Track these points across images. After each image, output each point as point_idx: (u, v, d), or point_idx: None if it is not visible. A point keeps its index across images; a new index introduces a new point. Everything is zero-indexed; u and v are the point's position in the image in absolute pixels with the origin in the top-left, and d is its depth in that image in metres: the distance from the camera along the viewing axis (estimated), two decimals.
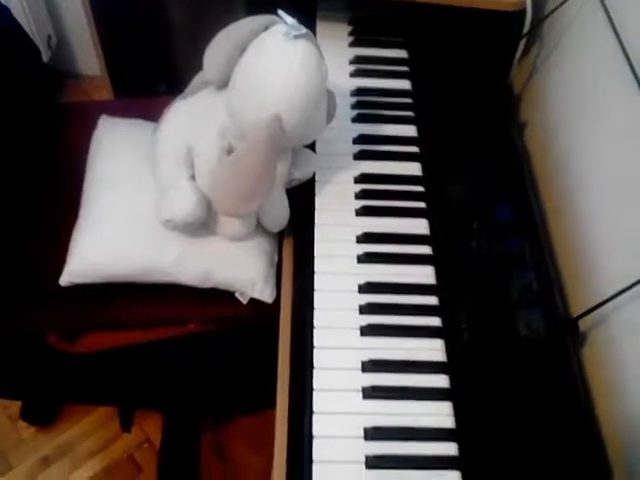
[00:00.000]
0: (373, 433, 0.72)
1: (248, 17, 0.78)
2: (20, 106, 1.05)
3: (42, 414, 1.39)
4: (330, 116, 0.86)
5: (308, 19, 1.10)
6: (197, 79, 0.89)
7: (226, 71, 0.79)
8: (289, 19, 0.74)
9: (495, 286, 0.84)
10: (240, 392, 1.17)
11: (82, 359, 0.97)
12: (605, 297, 0.77)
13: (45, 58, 1.67)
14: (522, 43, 1.06)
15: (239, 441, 1.38)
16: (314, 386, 0.75)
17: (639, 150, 0.80)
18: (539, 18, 1.05)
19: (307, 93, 0.75)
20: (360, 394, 0.75)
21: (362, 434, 0.72)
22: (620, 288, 0.75)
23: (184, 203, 0.83)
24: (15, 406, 1.38)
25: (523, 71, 1.13)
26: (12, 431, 1.38)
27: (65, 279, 0.89)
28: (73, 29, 1.76)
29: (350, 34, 1.13)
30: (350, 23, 1.15)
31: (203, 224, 0.89)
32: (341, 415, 0.74)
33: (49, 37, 1.71)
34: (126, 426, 1.29)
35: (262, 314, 0.94)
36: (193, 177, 0.86)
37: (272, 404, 0.77)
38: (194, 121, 0.85)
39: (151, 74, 1.67)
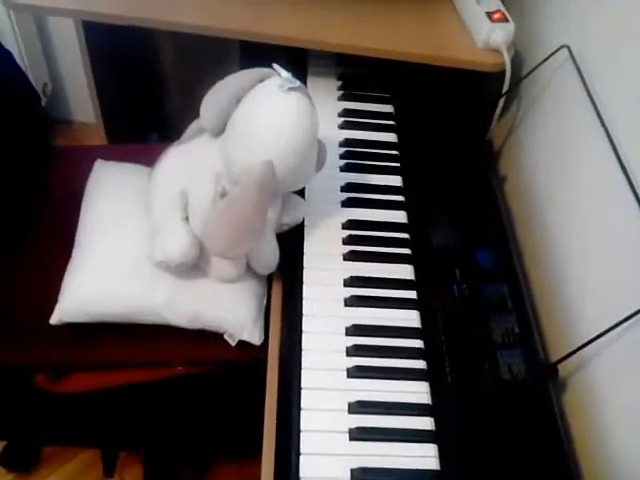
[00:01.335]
0: (360, 474, 0.73)
1: (245, 69, 0.83)
2: (17, 148, 1.08)
3: (22, 460, 1.36)
4: (320, 164, 0.90)
5: (300, 73, 1.15)
6: (193, 126, 0.93)
7: (222, 119, 0.82)
8: (284, 72, 0.79)
9: (478, 330, 0.87)
10: (225, 434, 1.16)
11: (68, 399, 0.97)
12: (583, 342, 0.80)
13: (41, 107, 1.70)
14: (501, 101, 1.12)
15: None
16: (301, 427, 0.76)
17: (609, 201, 0.84)
18: (518, 78, 1.12)
19: (299, 142, 0.79)
20: (347, 435, 0.76)
21: (349, 476, 0.73)
22: (597, 333, 0.78)
23: (177, 244, 0.86)
24: None
25: (502, 127, 1.19)
26: None
27: (56, 317, 0.90)
28: (69, 77, 1.81)
29: (339, 89, 1.18)
30: (339, 78, 1.20)
31: (194, 266, 0.91)
32: (328, 456, 0.75)
33: (45, 85, 1.75)
34: (109, 471, 1.27)
35: (250, 356, 0.95)
36: (187, 219, 0.88)
37: (257, 449, 0.77)
38: (189, 166, 0.89)
39: (144, 123, 1.72)
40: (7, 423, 1.09)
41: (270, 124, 0.78)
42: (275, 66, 0.80)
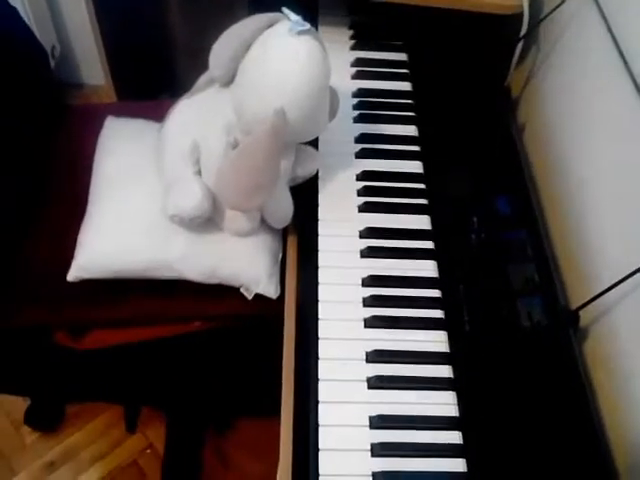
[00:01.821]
0: (378, 422, 0.73)
1: (253, 15, 0.80)
2: (27, 106, 1.07)
3: (46, 419, 1.39)
4: (333, 112, 0.88)
5: (311, 23, 1.11)
6: (203, 78, 0.91)
7: (231, 68, 0.81)
8: (293, 16, 0.76)
9: (496, 278, 0.85)
10: (245, 390, 1.17)
11: (88, 356, 0.98)
12: (605, 287, 0.78)
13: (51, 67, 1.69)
14: (519, 45, 1.08)
15: (242, 448, 1.37)
16: (319, 376, 0.76)
17: (634, 147, 0.81)
18: (536, 21, 1.08)
19: (311, 87, 0.77)
20: (365, 384, 0.76)
21: (368, 423, 0.73)
22: (618, 278, 0.76)
23: (190, 198, 0.85)
24: (19, 411, 1.38)
25: (521, 72, 1.15)
26: (16, 436, 1.38)
27: (73, 274, 0.91)
28: (77, 39, 1.78)
29: (351, 38, 1.15)
30: (351, 27, 1.17)
31: (209, 220, 0.90)
32: (347, 404, 0.75)
33: (53, 47, 1.73)
34: (131, 426, 1.30)
35: (267, 310, 0.95)
36: (199, 173, 0.87)
37: (276, 408, 0.77)
38: (200, 118, 0.87)
39: (154, 83, 1.70)
40: (30, 381, 1.11)
41: (280, 69, 0.76)
42: (284, 10, 0.78)
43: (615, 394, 0.80)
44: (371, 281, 0.84)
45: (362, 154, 0.99)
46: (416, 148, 1.00)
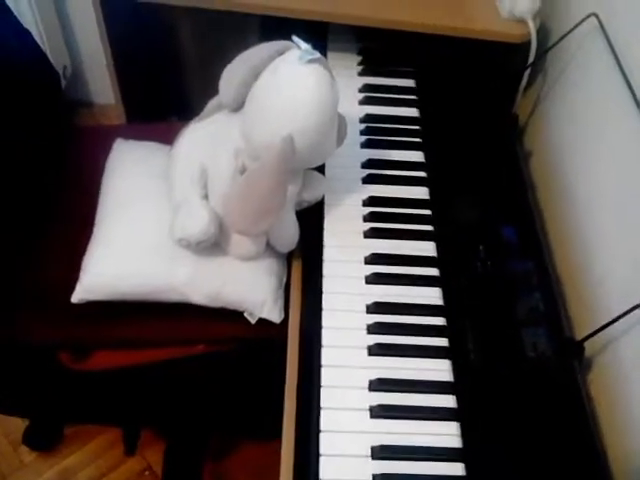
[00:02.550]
0: (380, 452, 0.72)
1: (263, 43, 0.81)
2: (37, 126, 1.08)
3: (44, 439, 1.38)
4: (341, 139, 0.89)
5: (320, 49, 1.12)
6: (212, 103, 0.92)
7: (241, 94, 0.81)
8: (303, 44, 0.77)
9: (501, 308, 0.85)
10: (247, 413, 1.16)
11: (92, 377, 0.98)
12: (610, 318, 0.78)
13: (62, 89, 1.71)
14: (527, 73, 1.09)
15: (241, 471, 1.36)
16: (322, 405, 0.75)
17: (638, 174, 0.81)
18: (543, 49, 1.09)
19: (319, 115, 0.77)
20: (368, 413, 0.75)
21: (369, 453, 0.72)
22: (624, 310, 0.76)
23: (197, 222, 0.85)
24: (17, 431, 1.37)
25: (528, 100, 1.16)
26: (13, 456, 1.37)
27: (77, 296, 0.91)
28: (88, 59, 1.81)
29: (359, 64, 1.16)
30: (359, 53, 1.18)
31: (215, 243, 0.90)
32: (348, 434, 0.74)
33: (65, 67, 1.76)
34: (131, 449, 1.29)
35: (270, 335, 0.94)
36: (207, 197, 0.88)
37: (278, 432, 0.77)
38: (209, 142, 0.88)
39: (164, 105, 1.71)
40: (32, 401, 1.11)
41: (289, 96, 0.76)
42: (294, 38, 0.79)
43: (618, 424, 0.79)
44: (376, 308, 0.84)
45: (369, 180, 0.99)
46: (423, 174, 1.01)
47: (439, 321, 0.84)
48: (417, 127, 1.07)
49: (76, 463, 1.37)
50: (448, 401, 0.77)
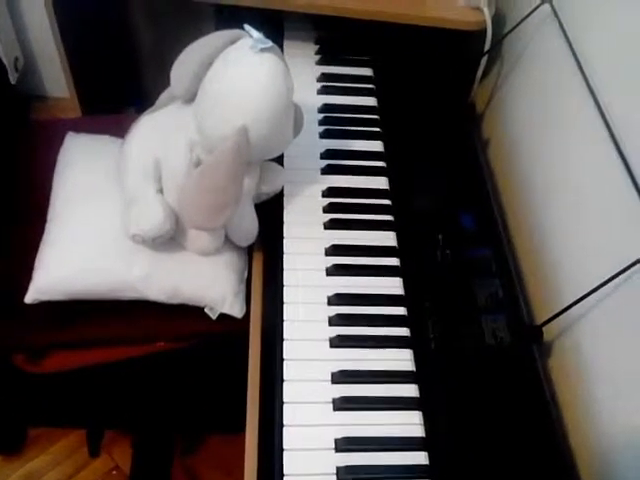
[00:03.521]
0: (343, 444, 0.72)
1: (215, 32, 0.79)
2: None
3: (8, 442, 1.35)
4: (297, 129, 0.87)
5: (276, 38, 1.11)
6: (164, 94, 0.90)
7: (193, 85, 0.79)
8: (255, 33, 0.76)
9: (461, 296, 0.85)
10: (211, 409, 1.15)
11: (49, 379, 0.95)
12: (568, 303, 0.79)
13: (12, 80, 1.65)
14: (483, 61, 1.09)
15: (210, 465, 1.35)
16: (284, 399, 0.75)
17: (594, 160, 0.82)
18: (499, 37, 1.09)
19: (273, 105, 0.76)
20: (331, 405, 0.75)
21: (333, 445, 0.72)
22: (581, 294, 0.77)
23: (152, 217, 0.83)
24: None
25: (485, 88, 1.16)
26: None
27: (30, 296, 0.88)
28: (40, 51, 1.75)
29: (317, 53, 1.15)
30: (317, 42, 1.17)
31: (171, 239, 0.88)
32: (311, 427, 0.73)
33: (16, 59, 1.70)
34: (94, 451, 1.26)
35: (231, 330, 0.93)
36: (161, 191, 0.86)
37: (243, 424, 0.76)
38: (162, 135, 0.86)
39: (120, 97, 1.67)
40: None
41: (242, 87, 0.75)
42: (246, 27, 0.77)
43: (579, 407, 0.80)
44: (337, 299, 0.84)
45: (328, 170, 0.98)
46: (382, 164, 1.00)
47: (400, 311, 0.84)
48: (375, 116, 1.07)
49: (41, 465, 1.34)
50: (410, 390, 0.77)
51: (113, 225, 0.89)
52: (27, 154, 1.10)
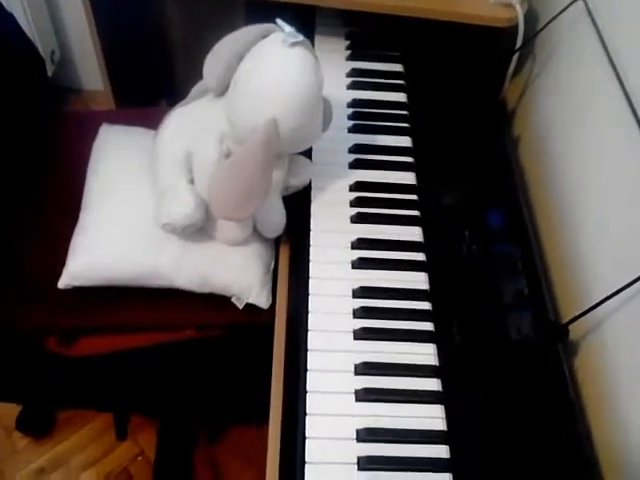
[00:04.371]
0: (365, 435, 0.73)
1: (247, 26, 0.81)
2: (23, 111, 1.07)
3: (37, 425, 1.38)
4: (326, 123, 0.88)
5: (307, 34, 1.11)
6: (197, 87, 0.91)
7: (225, 78, 0.81)
8: (287, 27, 0.77)
9: (487, 292, 0.85)
10: (236, 399, 1.17)
11: (80, 363, 0.98)
12: (595, 302, 0.78)
13: (49, 73, 1.69)
14: (515, 58, 1.08)
15: (233, 455, 1.37)
16: (308, 388, 0.76)
17: (626, 160, 0.81)
18: (531, 34, 1.08)
19: (303, 98, 0.77)
20: (353, 396, 0.76)
21: (355, 436, 0.73)
22: (608, 293, 0.76)
23: (183, 207, 0.85)
24: (10, 417, 1.38)
25: (516, 85, 1.16)
26: (7, 442, 1.38)
27: (64, 281, 0.90)
28: (77, 45, 1.79)
29: (347, 48, 1.15)
30: (347, 37, 1.17)
31: (201, 229, 0.90)
32: (334, 417, 0.74)
33: (52, 52, 1.74)
34: (121, 434, 1.29)
35: (258, 320, 0.95)
36: (192, 181, 0.88)
37: (267, 416, 0.77)
38: (193, 127, 0.87)
39: (153, 90, 1.70)
40: (21, 387, 1.11)
41: (273, 80, 0.76)
42: (278, 21, 0.78)
43: (603, 407, 0.80)
44: (362, 292, 0.84)
45: (356, 164, 0.99)
46: (410, 159, 1.00)
47: (425, 305, 0.84)
48: (405, 112, 1.07)
49: (69, 448, 1.38)
50: (433, 384, 0.78)
51: (145, 214, 0.91)
52: (62, 145, 1.13)
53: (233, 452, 1.37)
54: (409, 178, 0.98)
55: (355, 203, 0.94)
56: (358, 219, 0.92)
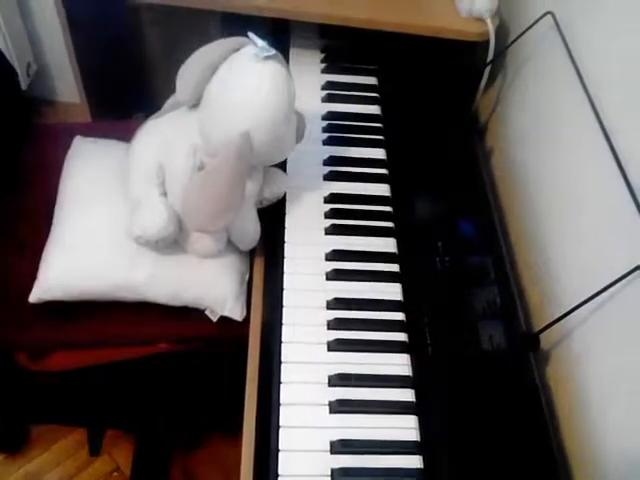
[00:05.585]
0: (339, 446, 0.73)
1: (220, 39, 0.81)
2: None
3: (10, 440, 1.36)
4: (299, 136, 0.89)
5: (282, 46, 1.13)
6: (170, 100, 0.92)
7: (197, 91, 0.81)
8: (259, 41, 0.77)
9: (460, 302, 0.86)
10: (210, 411, 1.16)
11: (51, 378, 0.96)
12: (565, 311, 0.79)
13: (23, 85, 1.68)
14: (486, 71, 1.10)
15: (209, 466, 1.36)
16: (281, 401, 0.75)
17: (593, 172, 0.83)
18: (502, 48, 1.10)
19: (276, 111, 0.77)
20: (327, 408, 0.76)
21: (328, 447, 0.73)
22: (578, 302, 0.77)
23: (156, 219, 0.85)
24: None
25: (488, 98, 1.17)
26: None
27: (35, 296, 0.89)
28: (52, 57, 1.78)
29: (322, 61, 1.17)
30: (322, 50, 1.18)
31: (174, 242, 0.90)
32: (308, 429, 0.74)
33: (29, 64, 1.73)
34: (95, 450, 1.27)
35: (232, 332, 0.94)
36: (165, 194, 0.87)
37: (241, 425, 0.77)
38: (166, 139, 0.87)
39: (129, 103, 1.69)
40: None
41: (245, 93, 0.76)
42: (250, 34, 0.79)
43: (574, 415, 0.81)
44: (336, 304, 0.85)
45: (330, 176, 0.99)
46: (384, 171, 1.01)
47: (398, 316, 0.85)
48: (379, 125, 1.08)
49: (43, 465, 1.35)
50: (406, 395, 0.78)
51: (117, 227, 0.90)
52: (36, 157, 1.12)
53: (209, 463, 1.36)
54: (383, 190, 0.99)
55: (330, 215, 0.94)
56: (333, 230, 0.92)
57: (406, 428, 0.75)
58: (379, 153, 1.04)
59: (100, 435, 1.30)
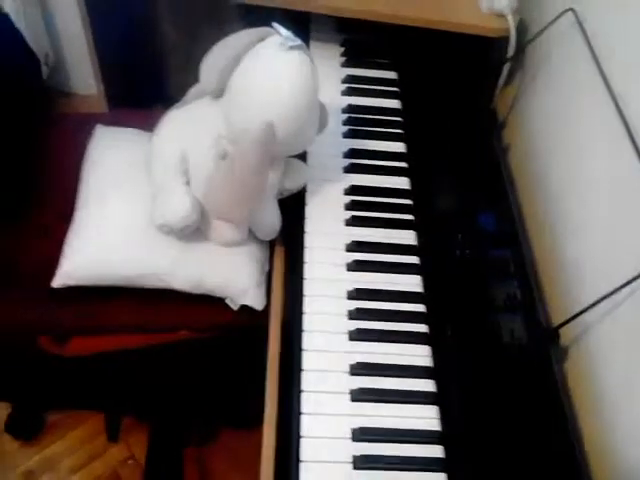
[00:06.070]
0: (360, 434, 0.73)
1: (244, 30, 0.82)
2: (16, 112, 1.07)
3: (27, 427, 1.37)
4: (322, 126, 0.89)
5: (302, 39, 1.12)
6: (193, 90, 0.92)
7: (222, 81, 0.82)
8: (284, 31, 0.78)
9: (479, 295, 0.86)
10: (228, 400, 1.17)
11: (72, 362, 0.98)
12: (585, 306, 0.79)
13: (44, 75, 1.69)
14: (506, 67, 1.10)
15: (222, 458, 1.37)
16: (303, 388, 0.76)
17: (614, 167, 0.83)
18: (523, 43, 1.10)
19: (300, 101, 0.78)
20: (348, 396, 0.76)
21: (350, 435, 0.73)
22: (599, 296, 0.78)
23: (179, 207, 0.86)
24: None
25: (507, 94, 1.17)
26: None
27: (58, 281, 0.90)
28: (70, 48, 1.79)
29: (342, 55, 1.17)
30: (342, 44, 1.19)
31: (197, 230, 0.91)
32: (329, 416, 0.75)
33: (46, 55, 1.74)
34: (113, 436, 1.28)
35: (251, 321, 0.95)
36: (188, 183, 0.88)
37: (258, 419, 0.77)
38: (190, 128, 0.88)
39: (146, 94, 1.70)
40: (13, 385, 1.10)
41: (270, 82, 0.77)
42: (275, 25, 0.79)
43: (593, 410, 0.81)
44: (356, 294, 0.85)
45: (350, 169, 1.00)
46: (404, 164, 1.02)
47: (419, 308, 0.85)
48: (399, 118, 1.08)
49: (59, 451, 1.37)
50: (427, 385, 0.79)
51: (141, 215, 0.91)
52: (56, 146, 1.13)
53: (223, 456, 1.37)
54: (403, 183, 0.99)
55: (350, 206, 0.95)
56: (353, 222, 0.93)
57: (427, 418, 0.76)
58: (399, 147, 1.04)
59: (117, 421, 1.31)
